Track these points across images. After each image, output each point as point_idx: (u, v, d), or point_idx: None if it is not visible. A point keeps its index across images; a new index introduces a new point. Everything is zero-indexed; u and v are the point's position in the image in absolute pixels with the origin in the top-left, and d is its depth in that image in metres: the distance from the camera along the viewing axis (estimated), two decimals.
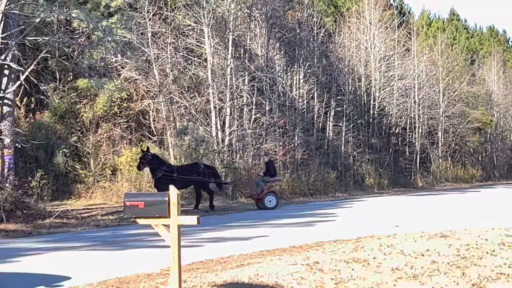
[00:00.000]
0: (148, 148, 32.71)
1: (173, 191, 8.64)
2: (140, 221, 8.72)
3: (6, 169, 29.65)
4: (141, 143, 41.60)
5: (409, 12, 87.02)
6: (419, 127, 67.19)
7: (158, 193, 9.29)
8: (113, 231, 22.62)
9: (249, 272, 11.55)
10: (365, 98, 59.67)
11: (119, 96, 41.61)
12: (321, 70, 53.28)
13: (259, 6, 46.13)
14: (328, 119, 53.72)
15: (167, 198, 8.51)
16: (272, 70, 47.33)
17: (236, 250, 15.52)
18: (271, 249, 15.50)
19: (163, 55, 41.64)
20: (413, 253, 13.28)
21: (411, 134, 66.49)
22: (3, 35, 30.80)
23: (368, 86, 60.02)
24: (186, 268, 11.02)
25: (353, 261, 12.67)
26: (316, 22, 53.46)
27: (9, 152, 29.96)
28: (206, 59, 42.48)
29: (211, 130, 41.51)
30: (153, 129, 42.31)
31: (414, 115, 66.43)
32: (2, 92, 30.99)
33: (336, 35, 59.33)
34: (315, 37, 53.10)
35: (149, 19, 40.64)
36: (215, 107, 41.69)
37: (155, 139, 41.90)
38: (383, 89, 61.16)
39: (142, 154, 31.24)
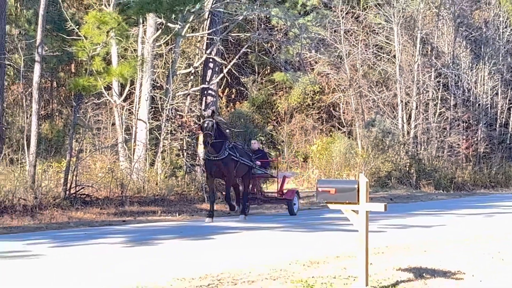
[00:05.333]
0: (213, 112, 21.70)
1: (362, 178, 8.58)
2: (331, 206, 8.76)
3: None
4: (331, 133, 41.70)
5: None
6: None
7: (348, 181, 9.27)
8: (304, 215, 22.71)
9: (432, 258, 11.30)
10: None
11: (312, 89, 41.92)
12: (505, 68, 51.50)
13: (447, 6, 45.17)
14: (511, 115, 51.89)
15: (356, 186, 8.51)
16: (458, 67, 46.19)
17: (418, 237, 15.24)
18: (454, 237, 15.10)
19: (354, 51, 41.55)
20: None
21: None
22: (209, 31, 31.63)
23: None
24: (371, 252, 10.88)
25: None
26: (503, 22, 51.69)
27: None
28: (394, 56, 42.06)
29: (397, 122, 41.10)
30: (343, 120, 42.27)
31: None
32: (206, 83, 31.83)
33: None
34: (501, 36, 51.36)
35: (342, 18, 40.58)
36: (401, 101, 41.22)
37: (344, 130, 41.87)
38: None
39: (204, 120, 20.28)
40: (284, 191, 22.49)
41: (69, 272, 10.12)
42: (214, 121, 20.01)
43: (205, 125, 19.78)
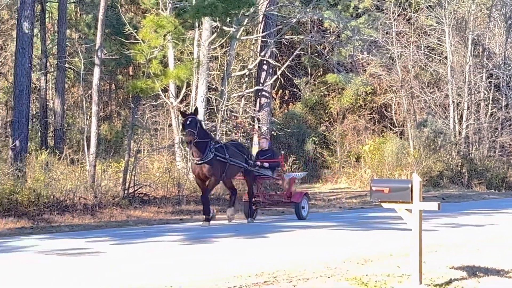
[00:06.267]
0: (196, 109, 19.49)
1: (416, 178, 8.60)
2: (385, 205, 8.81)
3: None
4: (383, 133, 41.53)
5: None
6: None
7: (402, 180, 9.32)
8: (357, 213, 22.70)
9: (485, 257, 11.25)
10: None
11: (364, 90, 41.76)
12: None
13: (499, 7, 44.68)
14: None
15: (410, 185, 8.55)
16: (509, 67, 45.60)
17: (471, 235, 15.14)
18: (508, 236, 14.94)
19: (406, 53, 41.29)
20: None
21: None
22: (263, 34, 31.78)
23: None
24: (424, 250, 10.84)
25: None
26: None
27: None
28: (446, 57, 41.71)
29: (449, 123, 40.77)
30: (394, 121, 42.05)
31: None
32: (261, 85, 32.01)
33: None
34: None
35: (394, 20, 40.34)
36: (453, 102, 40.87)
37: (396, 130, 41.67)
38: None
39: (187, 118, 17.93)
40: (292, 192, 19.90)
41: (130, 267, 10.30)
42: (197, 118, 18.06)
43: (188, 122, 17.65)
